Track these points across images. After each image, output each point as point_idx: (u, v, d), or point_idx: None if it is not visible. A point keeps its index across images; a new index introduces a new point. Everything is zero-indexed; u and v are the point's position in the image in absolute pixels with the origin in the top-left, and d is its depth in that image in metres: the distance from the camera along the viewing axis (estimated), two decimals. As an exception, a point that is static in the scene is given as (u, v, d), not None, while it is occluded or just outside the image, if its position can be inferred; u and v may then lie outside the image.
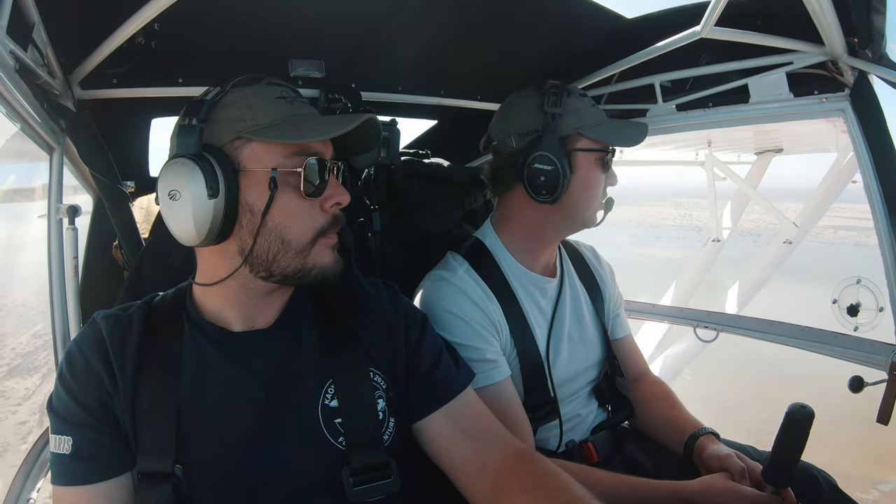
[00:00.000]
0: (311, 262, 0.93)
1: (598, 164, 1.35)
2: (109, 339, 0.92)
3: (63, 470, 0.87)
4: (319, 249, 0.94)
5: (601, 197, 1.38)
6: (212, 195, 0.86)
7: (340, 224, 0.98)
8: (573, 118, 1.33)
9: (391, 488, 0.94)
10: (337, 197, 0.95)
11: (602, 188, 1.38)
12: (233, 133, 0.90)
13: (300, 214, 0.92)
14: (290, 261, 0.92)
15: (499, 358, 1.27)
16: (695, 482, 1.18)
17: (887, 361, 1.60)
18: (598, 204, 1.39)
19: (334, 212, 0.96)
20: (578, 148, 1.33)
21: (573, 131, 1.33)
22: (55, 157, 1.42)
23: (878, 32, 1.43)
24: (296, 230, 0.92)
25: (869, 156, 1.58)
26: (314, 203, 0.94)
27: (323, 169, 0.93)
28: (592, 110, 1.36)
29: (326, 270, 0.95)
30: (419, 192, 1.80)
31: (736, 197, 4.85)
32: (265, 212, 0.89)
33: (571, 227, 1.41)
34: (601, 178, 1.36)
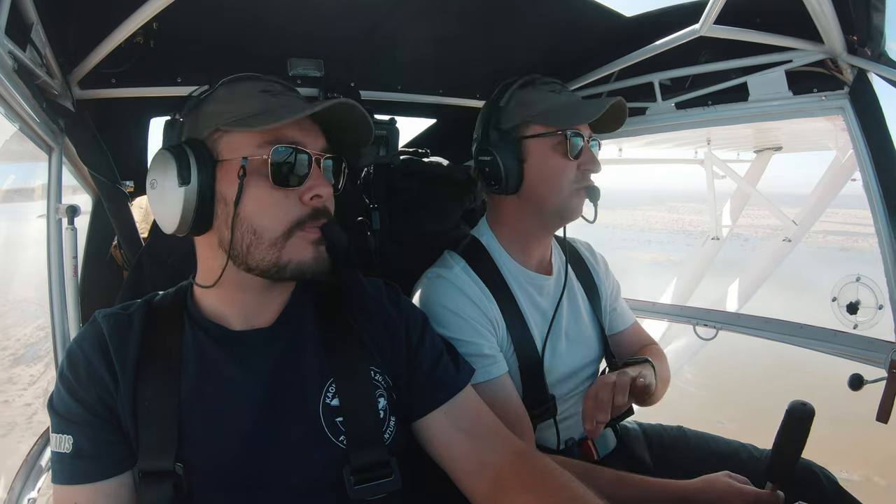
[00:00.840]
0: (286, 256, 0.90)
1: (557, 149, 1.30)
2: (110, 337, 0.92)
3: (64, 469, 0.87)
4: (296, 243, 0.90)
5: (570, 184, 1.31)
6: (182, 183, 0.88)
7: (325, 218, 0.93)
8: (520, 108, 1.34)
9: (392, 487, 0.94)
10: (315, 188, 0.91)
11: (567, 174, 1.31)
12: (213, 126, 0.92)
13: (272, 205, 0.90)
14: (263, 254, 0.90)
15: (496, 354, 1.27)
16: (695, 481, 1.18)
17: (887, 359, 1.60)
18: (568, 191, 1.32)
19: (315, 204, 0.92)
20: (528, 135, 1.33)
21: (521, 120, 1.33)
22: (54, 156, 1.42)
23: (878, 30, 1.43)
24: (267, 221, 0.89)
25: (868, 153, 1.58)
26: (289, 194, 0.90)
27: (300, 158, 0.91)
28: (548, 97, 1.34)
29: (304, 266, 0.91)
30: (418, 191, 1.80)
31: (735, 195, 4.85)
32: (236, 201, 0.88)
33: (548, 219, 1.37)
34: (562, 163, 1.31)
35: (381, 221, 1.67)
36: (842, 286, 1.99)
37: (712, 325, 2.36)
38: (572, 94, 1.38)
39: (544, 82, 1.37)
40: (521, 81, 1.37)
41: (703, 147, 4.57)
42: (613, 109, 1.30)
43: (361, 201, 1.67)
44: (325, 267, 0.93)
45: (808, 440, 1.05)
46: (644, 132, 2.14)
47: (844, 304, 1.95)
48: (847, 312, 1.94)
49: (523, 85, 1.36)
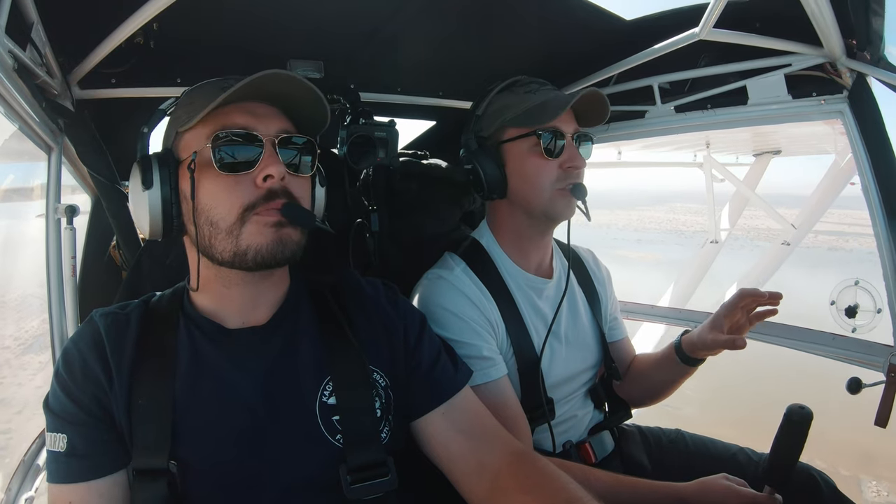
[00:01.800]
0: (243, 242, 0.89)
1: (533, 150, 1.30)
2: (107, 336, 0.92)
3: (59, 468, 0.87)
4: (252, 228, 0.89)
5: (552, 184, 1.31)
6: (145, 187, 0.91)
7: (283, 199, 0.91)
8: (497, 114, 1.36)
9: (388, 486, 0.94)
10: (266, 169, 0.89)
11: (547, 174, 1.30)
12: (173, 131, 0.97)
13: (223, 192, 0.89)
14: (223, 243, 0.90)
15: (496, 356, 1.27)
16: (692, 483, 1.18)
17: (885, 363, 1.60)
18: (550, 192, 1.31)
19: (268, 185, 0.90)
20: (505, 139, 1.34)
21: (498, 126, 1.35)
22: (53, 156, 1.42)
23: (877, 35, 1.44)
24: (221, 209, 0.89)
25: (867, 158, 1.58)
26: (240, 179, 0.89)
27: (245, 142, 0.90)
28: (524, 98, 1.34)
29: (263, 251, 0.89)
30: (417, 192, 1.80)
31: (734, 198, 4.86)
32: (192, 195, 0.91)
33: (537, 220, 1.37)
34: (541, 163, 1.30)
35: (380, 223, 1.67)
36: (840, 290, 1.99)
37: (711, 328, 2.35)
38: (550, 91, 1.37)
39: (524, 83, 1.37)
40: (501, 85, 1.39)
41: (702, 150, 4.58)
42: (589, 100, 1.29)
43: (360, 203, 1.67)
44: (288, 252, 0.92)
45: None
46: (643, 135, 2.15)
47: (843, 308, 1.95)
48: (845, 316, 1.94)
49: (502, 89, 1.38)
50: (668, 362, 1.44)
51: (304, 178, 0.97)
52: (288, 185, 0.92)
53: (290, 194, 0.92)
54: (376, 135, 1.60)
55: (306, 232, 0.96)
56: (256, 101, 0.94)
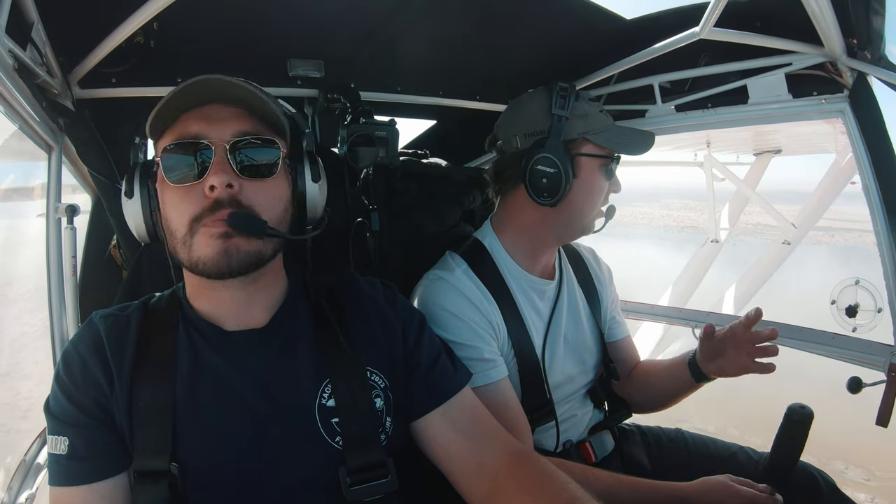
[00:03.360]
0: (195, 254, 0.89)
1: (603, 170, 1.35)
2: (107, 339, 0.92)
3: (59, 470, 0.87)
4: (200, 240, 0.88)
5: (602, 204, 1.39)
6: (127, 197, 0.94)
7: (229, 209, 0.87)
8: (580, 122, 1.33)
9: (388, 487, 0.94)
10: (209, 179, 0.87)
11: (604, 195, 1.38)
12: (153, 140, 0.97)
13: (177, 203, 0.90)
14: (181, 253, 0.91)
15: (496, 357, 1.27)
16: (693, 483, 1.18)
17: (886, 362, 1.60)
18: (598, 210, 1.39)
19: (215, 195, 0.87)
20: (584, 153, 1.33)
21: (579, 135, 1.33)
22: (54, 156, 1.42)
23: (877, 34, 1.43)
24: (175, 220, 0.90)
25: (868, 157, 1.58)
26: (191, 189, 0.89)
27: (188, 152, 0.89)
28: (600, 115, 1.37)
29: (210, 263, 0.88)
30: (418, 192, 1.80)
31: (734, 198, 4.86)
32: (158, 206, 0.94)
33: (570, 231, 1.41)
34: (604, 184, 1.37)
35: (380, 222, 1.67)
36: (841, 289, 1.99)
37: (711, 328, 2.35)
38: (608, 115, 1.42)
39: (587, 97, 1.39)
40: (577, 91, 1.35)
41: (702, 149, 4.58)
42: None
43: (360, 202, 1.67)
44: (235, 263, 0.89)
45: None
46: (644, 134, 2.14)
47: (843, 308, 1.95)
48: (846, 315, 1.94)
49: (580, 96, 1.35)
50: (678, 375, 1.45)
51: (264, 181, 0.92)
52: (239, 193, 0.89)
53: (237, 202, 0.88)
54: (376, 134, 1.60)
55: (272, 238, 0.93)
56: (218, 104, 0.92)
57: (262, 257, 0.92)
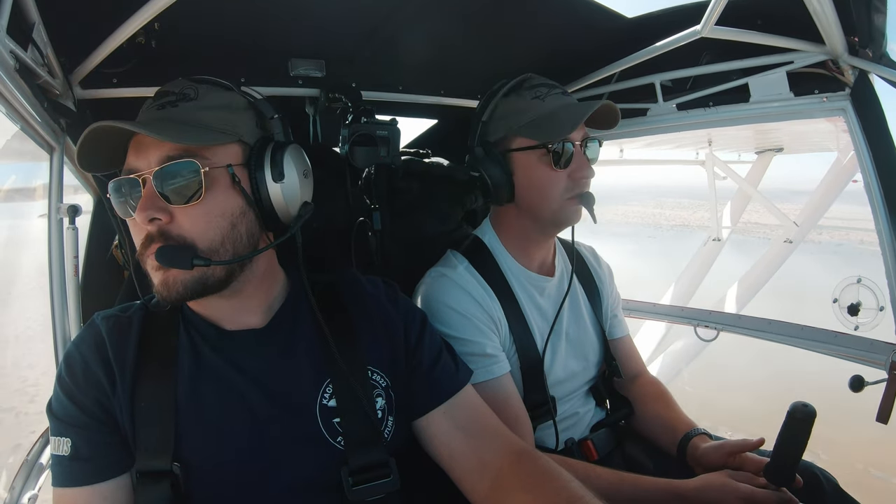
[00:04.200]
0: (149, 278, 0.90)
1: (543, 161, 1.29)
2: (109, 340, 0.92)
3: (63, 471, 0.87)
4: (148, 270, 0.89)
5: (562, 193, 1.30)
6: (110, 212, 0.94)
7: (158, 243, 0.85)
8: (504, 121, 1.33)
9: (390, 487, 0.95)
10: (136, 215, 0.86)
11: (557, 185, 1.29)
12: None
13: (134, 232, 0.90)
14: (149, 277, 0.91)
15: (499, 353, 1.27)
16: (693, 480, 1.18)
17: (887, 361, 1.60)
18: (559, 201, 1.30)
19: (150, 229, 0.86)
20: (513, 148, 1.32)
21: (505, 133, 1.33)
22: (55, 156, 1.42)
23: (879, 32, 1.43)
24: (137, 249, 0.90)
25: (869, 155, 1.58)
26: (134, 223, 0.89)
27: (122, 188, 0.89)
28: (532, 105, 1.31)
29: (160, 292, 0.88)
30: (419, 191, 1.80)
31: (736, 196, 4.85)
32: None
33: (543, 225, 1.36)
34: (550, 174, 1.29)
35: (381, 222, 1.67)
36: (843, 287, 1.99)
37: (713, 327, 2.36)
38: (561, 96, 1.33)
39: (531, 86, 1.33)
40: (507, 87, 1.35)
41: (704, 148, 4.58)
42: (603, 110, 1.27)
43: (362, 201, 1.67)
44: (175, 295, 0.87)
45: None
46: (645, 133, 2.15)
47: (845, 306, 1.95)
48: (848, 314, 1.94)
49: (508, 92, 1.34)
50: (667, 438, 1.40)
51: (194, 205, 0.87)
52: (169, 223, 0.86)
53: (166, 234, 0.86)
54: (378, 133, 1.60)
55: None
56: None
57: (206, 283, 0.88)
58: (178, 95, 0.91)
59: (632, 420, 1.51)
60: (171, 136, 0.85)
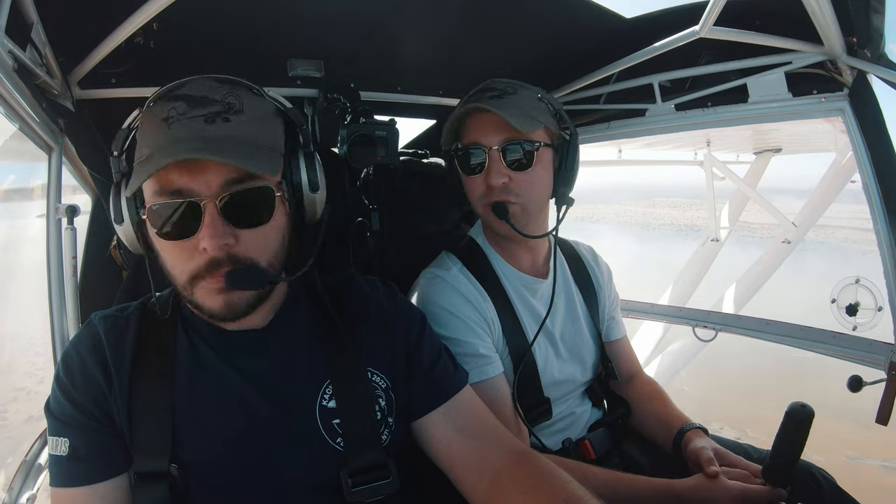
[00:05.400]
0: (198, 300, 0.88)
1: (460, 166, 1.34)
2: (107, 340, 0.92)
3: (61, 471, 0.87)
4: (201, 293, 0.87)
5: (479, 199, 1.32)
6: (116, 222, 0.90)
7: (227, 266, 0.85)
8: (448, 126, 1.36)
9: (390, 489, 0.94)
10: (202, 241, 0.83)
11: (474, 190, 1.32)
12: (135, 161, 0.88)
13: (172, 253, 0.87)
14: (182, 292, 0.89)
15: (492, 354, 1.27)
16: (689, 479, 1.18)
17: (886, 361, 1.60)
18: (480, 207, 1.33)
19: (209, 255, 0.84)
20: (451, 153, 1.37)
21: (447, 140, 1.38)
22: (54, 156, 1.42)
23: (877, 32, 1.43)
24: (174, 269, 0.88)
25: (868, 155, 1.58)
26: (185, 244, 0.85)
27: (177, 209, 0.83)
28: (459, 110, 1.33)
29: (215, 313, 0.88)
30: (418, 191, 1.80)
31: (734, 197, 4.85)
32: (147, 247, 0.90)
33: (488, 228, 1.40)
34: (468, 180, 1.33)
35: (380, 222, 1.67)
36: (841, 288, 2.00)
37: (711, 327, 2.36)
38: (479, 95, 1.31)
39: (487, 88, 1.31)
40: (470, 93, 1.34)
41: (702, 149, 4.58)
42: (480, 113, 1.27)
43: (361, 202, 1.67)
44: (239, 312, 0.89)
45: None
46: (644, 133, 2.15)
47: (844, 306, 1.96)
48: (846, 314, 1.94)
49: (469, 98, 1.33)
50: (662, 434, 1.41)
51: (261, 228, 0.88)
52: (235, 247, 0.85)
53: (235, 258, 0.85)
54: (376, 134, 1.60)
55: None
56: None
57: (263, 298, 0.92)
58: (224, 106, 0.86)
59: (629, 420, 1.52)
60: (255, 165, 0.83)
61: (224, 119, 0.84)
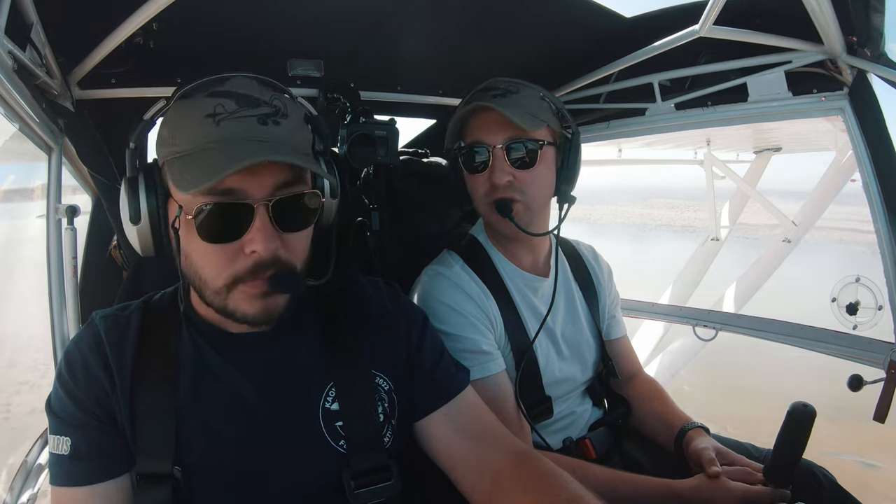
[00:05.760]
0: (231, 305, 0.87)
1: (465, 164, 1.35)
2: (108, 339, 0.91)
3: (61, 471, 0.86)
4: (239, 297, 0.86)
5: (482, 198, 1.32)
6: (133, 222, 0.87)
7: (271, 270, 0.85)
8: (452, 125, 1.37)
9: (392, 491, 0.94)
10: (251, 244, 0.82)
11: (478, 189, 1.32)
12: (161, 156, 0.88)
13: (210, 258, 0.85)
14: (212, 298, 0.88)
15: (494, 350, 1.27)
16: (690, 479, 1.18)
17: (886, 360, 1.60)
18: (483, 206, 1.34)
19: (256, 258, 0.84)
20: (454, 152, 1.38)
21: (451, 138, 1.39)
22: (54, 157, 1.42)
23: (877, 31, 1.43)
24: (209, 271, 0.86)
25: (868, 154, 1.58)
26: (227, 248, 0.84)
27: (231, 212, 0.83)
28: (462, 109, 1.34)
29: (250, 318, 0.88)
30: (418, 191, 1.80)
31: (734, 196, 4.85)
32: (178, 250, 0.87)
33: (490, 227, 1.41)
34: (471, 178, 1.34)
35: (380, 222, 1.67)
36: (841, 287, 1.99)
37: (712, 326, 2.36)
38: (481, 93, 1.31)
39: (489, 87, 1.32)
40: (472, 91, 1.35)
41: (702, 148, 4.58)
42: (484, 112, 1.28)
43: (361, 202, 1.67)
44: (275, 316, 0.90)
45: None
46: (643, 133, 2.15)
47: (844, 305, 1.95)
48: (846, 313, 1.94)
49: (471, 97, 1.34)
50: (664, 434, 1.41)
51: (302, 232, 0.90)
52: (280, 250, 0.86)
53: (279, 261, 0.86)
54: (376, 133, 1.60)
55: None
56: None
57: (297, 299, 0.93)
58: (272, 108, 0.86)
59: (630, 420, 1.52)
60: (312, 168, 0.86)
61: (275, 122, 0.85)
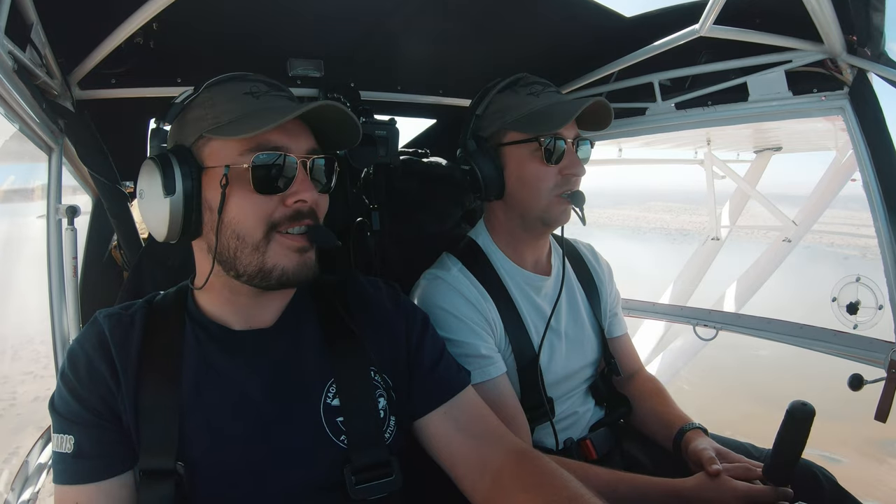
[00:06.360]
0: (270, 261, 0.90)
1: (535, 155, 1.30)
2: (112, 337, 0.92)
3: (65, 469, 0.87)
4: (277, 249, 0.90)
5: (550, 190, 1.30)
6: (167, 193, 0.89)
7: (309, 220, 0.92)
8: (497, 115, 1.34)
9: (392, 486, 0.95)
10: (299, 193, 0.90)
11: (546, 181, 1.30)
12: (197, 132, 0.92)
13: (252, 208, 0.89)
14: (248, 258, 0.90)
15: (494, 354, 1.27)
16: (691, 479, 1.18)
17: (886, 359, 1.60)
18: (548, 198, 1.31)
19: (297, 207, 0.91)
20: (505, 143, 1.33)
21: (498, 127, 1.34)
22: (54, 157, 1.42)
23: (877, 30, 1.43)
24: (248, 223, 0.89)
25: (868, 154, 1.58)
26: (272, 197, 0.90)
27: (284, 164, 0.90)
28: (526, 101, 1.32)
29: (289, 273, 0.91)
30: (418, 191, 1.80)
31: (735, 195, 4.85)
32: (220, 209, 0.89)
33: (530, 223, 1.36)
34: (541, 169, 1.30)
35: (380, 222, 1.67)
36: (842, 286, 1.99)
37: (712, 326, 2.36)
38: (554, 94, 1.35)
39: (526, 83, 1.34)
40: (503, 84, 1.36)
41: (703, 147, 4.58)
42: (595, 108, 1.27)
43: (361, 202, 1.67)
44: (310, 274, 0.94)
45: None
46: (644, 132, 2.15)
47: (844, 305, 1.95)
48: (847, 312, 1.94)
49: (503, 88, 1.36)
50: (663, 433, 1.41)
51: (325, 196, 0.98)
52: (313, 205, 0.93)
53: (315, 215, 0.94)
54: (377, 133, 1.60)
55: None
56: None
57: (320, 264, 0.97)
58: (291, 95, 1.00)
59: (630, 418, 1.52)
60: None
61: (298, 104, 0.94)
